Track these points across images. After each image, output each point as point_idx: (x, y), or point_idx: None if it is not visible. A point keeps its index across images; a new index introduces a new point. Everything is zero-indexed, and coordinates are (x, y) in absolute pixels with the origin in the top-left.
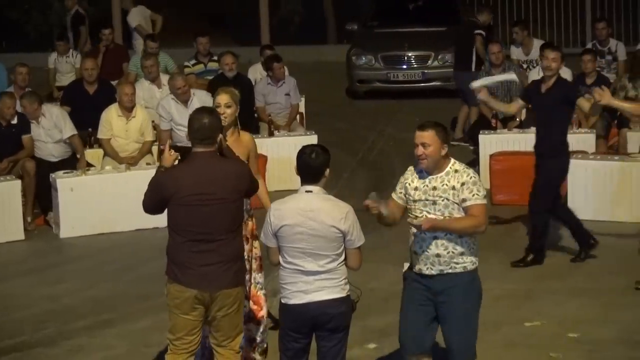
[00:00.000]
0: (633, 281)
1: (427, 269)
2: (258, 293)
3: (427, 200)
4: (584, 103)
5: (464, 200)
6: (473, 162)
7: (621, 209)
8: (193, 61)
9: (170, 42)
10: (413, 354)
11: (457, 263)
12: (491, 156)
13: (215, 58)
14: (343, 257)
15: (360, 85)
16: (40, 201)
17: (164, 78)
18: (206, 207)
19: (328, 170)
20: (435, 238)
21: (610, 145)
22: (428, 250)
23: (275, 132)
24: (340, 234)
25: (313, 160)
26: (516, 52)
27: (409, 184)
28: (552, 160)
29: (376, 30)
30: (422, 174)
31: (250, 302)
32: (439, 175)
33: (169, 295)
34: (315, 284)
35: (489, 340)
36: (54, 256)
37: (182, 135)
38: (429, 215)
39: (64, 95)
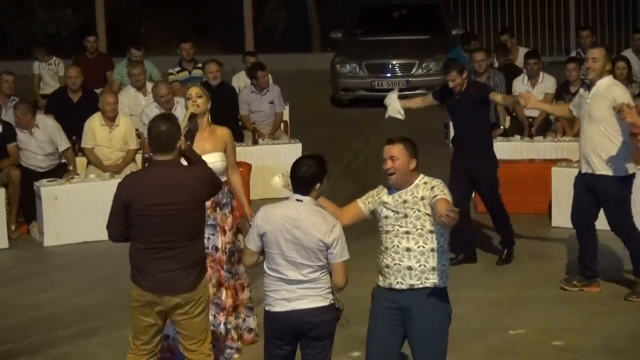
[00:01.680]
0: (616, 289)
1: (398, 283)
2: (236, 284)
3: (398, 213)
4: (496, 97)
5: (434, 196)
6: None
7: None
8: (177, 68)
9: (154, 50)
10: None
11: (427, 279)
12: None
13: (200, 65)
14: (326, 270)
15: (344, 93)
16: (25, 210)
17: (149, 86)
18: (165, 217)
19: (320, 184)
20: (408, 250)
21: None
22: (400, 262)
23: (260, 140)
24: (324, 246)
25: (303, 173)
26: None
27: (380, 198)
28: (486, 161)
29: (360, 39)
30: (392, 190)
31: (232, 291)
32: (409, 188)
33: (131, 298)
34: (297, 292)
35: (473, 348)
36: (38, 264)
37: None
38: (401, 228)
39: (48, 103)
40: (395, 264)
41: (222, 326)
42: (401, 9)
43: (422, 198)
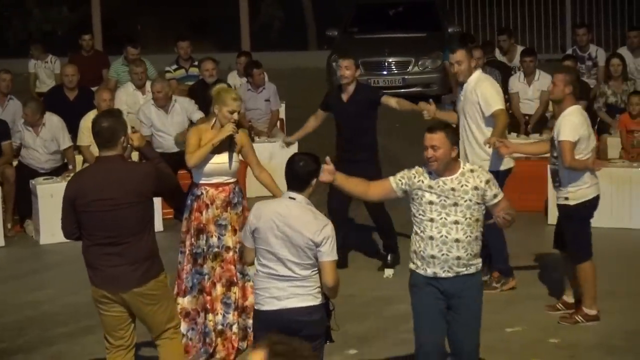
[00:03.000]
0: (611, 287)
1: (445, 272)
2: (245, 285)
3: (446, 200)
4: (389, 101)
5: (495, 195)
6: None
7: (601, 214)
8: (174, 66)
9: (150, 48)
10: None
11: (472, 264)
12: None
13: (196, 64)
14: (316, 268)
15: None
16: (19, 208)
17: (147, 85)
18: (108, 213)
19: (315, 180)
20: (457, 241)
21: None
22: (449, 253)
23: (256, 138)
24: (313, 245)
25: (300, 169)
26: (501, 59)
27: (421, 182)
28: (370, 166)
29: (356, 36)
30: (432, 175)
31: (240, 292)
32: (454, 176)
33: (92, 295)
34: (288, 290)
35: None
36: (34, 263)
37: (162, 141)
38: (449, 217)
39: (44, 102)
40: (442, 255)
41: (234, 326)
42: (397, 7)
43: (476, 188)
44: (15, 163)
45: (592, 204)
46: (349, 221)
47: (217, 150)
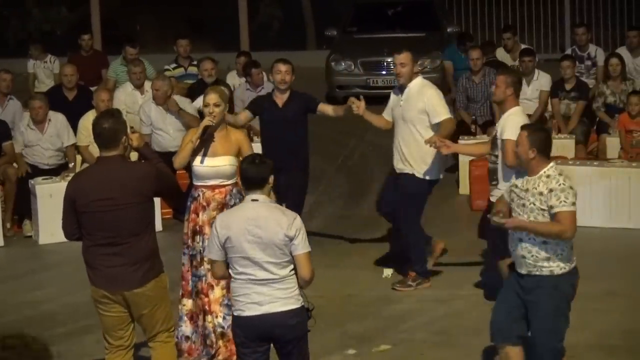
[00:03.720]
0: (611, 287)
1: (519, 267)
2: None
3: (520, 199)
4: (325, 108)
5: (551, 207)
6: (452, 168)
7: (599, 214)
8: (173, 65)
9: (149, 48)
10: (498, 343)
11: (542, 267)
12: (471, 162)
13: (196, 63)
14: (293, 265)
15: (339, 91)
16: (19, 208)
17: (147, 84)
18: (108, 213)
19: (272, 177)
20: (520, 241)
21: (590, 151)
22: (515, 250)
23: (255, 138)
24: (288, 239)
25: (257, 167)
26: (505, 57)
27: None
28: (301, 173)
29: (355, 36)
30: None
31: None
32: (534, 177)
33: (91, 295)
34: (268, 294)
35: (469, 346)
36: (33, 262)
37: (161, 140)
38: (517, 216)
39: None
40: (513, 251)
41: None
42: (396, 7)
43: (541, 194)
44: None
45: None
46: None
47: (212, 153)
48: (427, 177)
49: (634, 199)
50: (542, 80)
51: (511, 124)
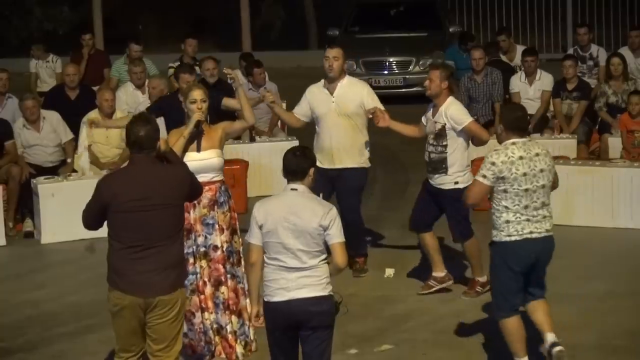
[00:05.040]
0: (612, 287)
1: None
2: (237, 286)
3: None
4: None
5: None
6: None
7: (602, 214)
8: (178, 63)
9: (151, 47)
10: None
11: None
12: (472, 162)
13: (198, 62)
14: (324, 255)
15: None
16: (22, 207)
17: (147, 84)
18: (144, 214)
19: (313, 169)
20: None
21: (592, 151)
22: None
23: (257, 138)
24: (322, 229)
25: (298, 159)
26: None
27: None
28: None
29: (357, 36)
30: None
31: (232, 293)
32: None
33: (110, 302)
34: (297, 281)
35: (470, 345)
36: (35, 262)
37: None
38: None
39: (45, 101)
40: None
41: (228, 326)
42: (398, 6)
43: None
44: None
45: None
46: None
47: (199, 147)
48: (366, 167)
49: (635, 199)
50: (544, 80)
51: (458, 111)
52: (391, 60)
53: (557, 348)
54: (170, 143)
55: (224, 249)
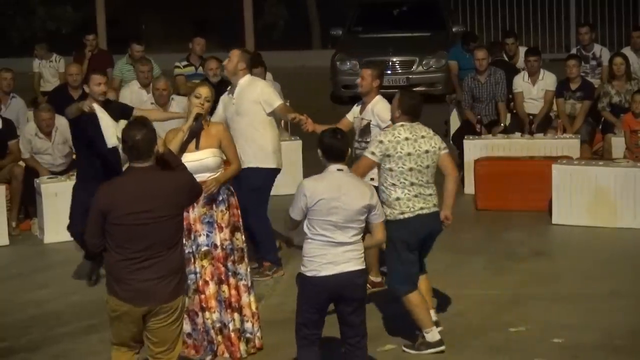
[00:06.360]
0: (616, 287)
1: None
2: (238, 284)
3: None
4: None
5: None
6: (458, 167)
7: (605, 214)
8: (184, 62)
9: (154, 47)
10: None
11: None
12: (476, 161)
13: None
14: (362, 233)
15: (345, 90)
16: (27, 206)
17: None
18: (143, 226)
19: (349, 149)
20: None
21: (595, 151)
22: None
23: None
24: (367, 209)
25: (341, 141)
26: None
27: None
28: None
29: (361, 36)
30: None
31: (234, 291)
32: None
33: (108, 307)
34: (343, 255)
35: (474, 346)
36: (38, 261)
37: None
38: None
39: (48, 100)
40: None
41: (231, 324)
42: (401, 6)
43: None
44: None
45: None
46: None
47: (194, 147)
48: (267, 167)
49: (639, 198)
50: (547, 80)
51: (384, 109)
52: (394, 60)
53: (439, 328)
54: (168, 140)
55: (224, 247)
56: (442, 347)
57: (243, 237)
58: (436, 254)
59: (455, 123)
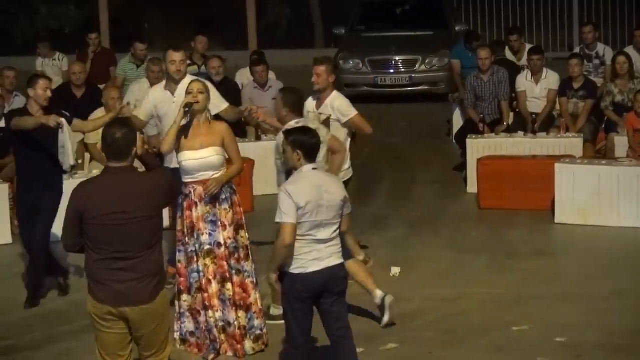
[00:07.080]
0: (618, 286)
1: None
2: (245, 281)
3: None
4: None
5: None
6: (461, 166)
7: (608, 213)
8: (188, 62)
9: (157, 46)
10: None
11: None
12: (479, 160)
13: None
14: (339, 226)
15: (347, 89)
16: None
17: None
18: (120, 227)
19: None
20: None
21: (598, 150)
22: None
23: (262, 137)
24: (343, 202)
25: (313, 139)
26: (511, 59)
27: None
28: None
29: (363, 35)
30: None
31: (239, 289)
32: None
33: (89, 311)
34: (326, 250)
35: (476, 345)
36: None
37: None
38: None
39: (51, 99)
40: None
41: (235, 323)
42: (404, 5)
43: None
44: None
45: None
46: None
47: (197, 145)
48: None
49: None
50: (550, 79)
51: (344, 104)
52: (397, 59)
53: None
54: (158, 141)
55: (228, 246)
56: None
57: (247, 235)
58: (439, 253)
59: (458, 122)
